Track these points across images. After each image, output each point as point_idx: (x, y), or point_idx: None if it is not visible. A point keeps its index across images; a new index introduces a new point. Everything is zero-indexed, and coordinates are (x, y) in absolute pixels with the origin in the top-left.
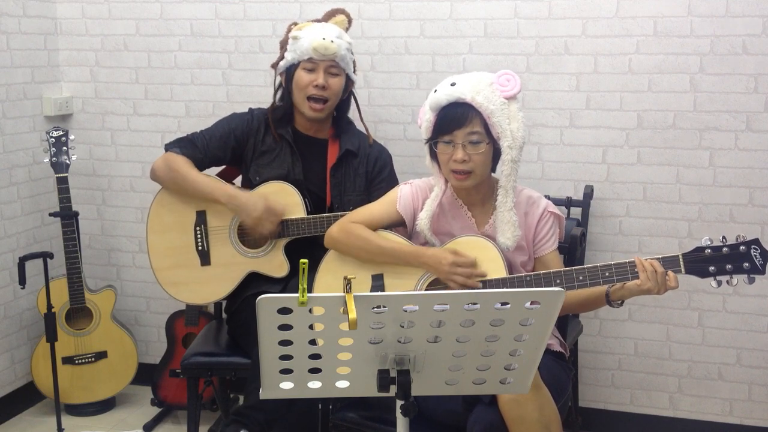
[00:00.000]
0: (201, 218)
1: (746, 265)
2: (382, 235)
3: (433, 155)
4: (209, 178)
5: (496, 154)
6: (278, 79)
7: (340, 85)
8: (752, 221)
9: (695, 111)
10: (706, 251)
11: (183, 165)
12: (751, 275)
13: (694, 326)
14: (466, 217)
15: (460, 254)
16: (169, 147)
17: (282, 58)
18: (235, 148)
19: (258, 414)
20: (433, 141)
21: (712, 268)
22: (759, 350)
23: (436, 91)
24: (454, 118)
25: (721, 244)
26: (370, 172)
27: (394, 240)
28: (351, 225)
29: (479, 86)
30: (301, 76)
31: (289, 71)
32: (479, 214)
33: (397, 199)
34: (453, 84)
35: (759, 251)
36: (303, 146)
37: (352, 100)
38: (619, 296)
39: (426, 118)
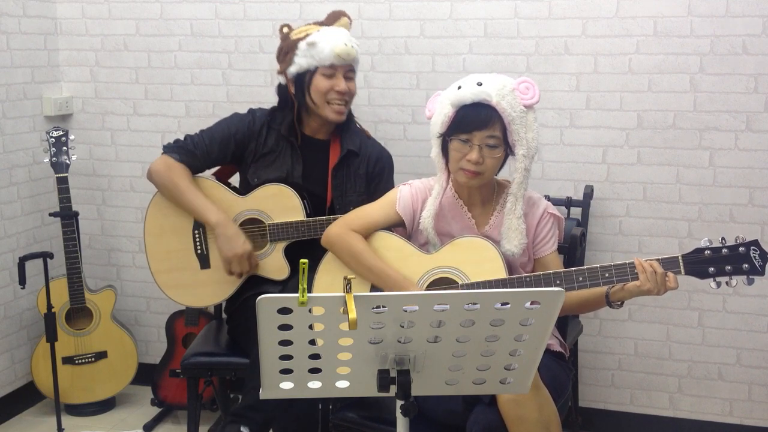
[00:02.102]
0: (199, 221)
1: (745, 266)
2: (380, 249)
3: (443, 150)
4: (203, 199)
5: (504, 159)
6: (286, 85)
7: (355, 88)
8: (752, 221)
9: (695, 111)
10: (705, 252)
11: (180, 177)
12: (751, 276)
13: (694, 326)
14: (466, 218)
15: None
16: (167, 151)
17: (291, 63)
18: (235, 151)
19: (256, 414)
20: (448, 136)
21: (711, 269)
22: (759, 350)
23: (460, 87)
24: (476, 118)
25: (721, 245)
26: (371, 172)
27: (386, 264)
28: (350, 234)
29: (504, 91)
30: (321, 82)
31: (302, 77)
32: (479, 215)
33: (397, 200)
34: (480, 83)
35: (758, 252)
36: (305, 148)
37: None
38: (619, 297)
39: (444, 112)
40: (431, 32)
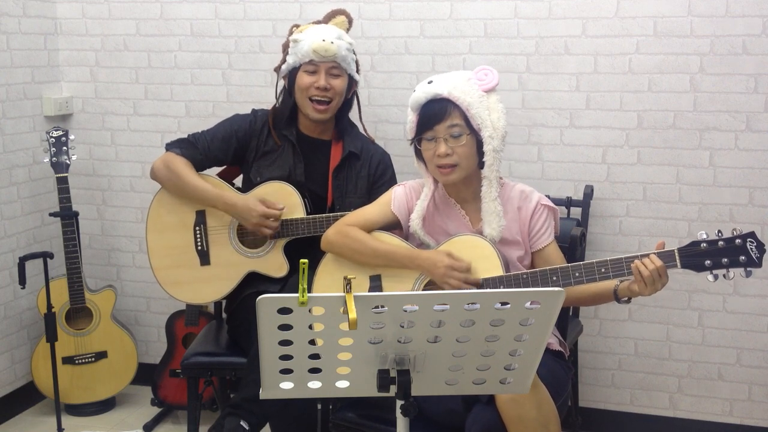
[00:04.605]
0: (200, 218)
1: (743, 258)
2: (378, 237)
3: (419, 155)
4: (208, 184)
5: (480, 147)
6: (281, 82)
7: (342, 86)
8: (752, 221)
9: (695, 111)
10: (701, 245)
11: (182, 168)
12: (748, 268)
13: (694, 326)
14: (460, 216)
15: (455, 258)
16: (169, 147)
17: (284, 61)
18: (237, 149)
19: (255, 406)
20: (416, 139)
21: (708, 262)
22: (759, 350)
23: (414, 91)
24: (433, 113)
25: (717, 237)
26: (373, 174)
27: (389, 242)
28: (347, 227)
29: (456, 82)
30: (303, 79)
31: (292, 74)
32: (473, 212)
33: (391, 200)
34: (430, 82)
35: (755, 244)
36: (306, 148)
37: (355, 100)
38: (626, 294)
39: (409, 120)
40: (431, 32)
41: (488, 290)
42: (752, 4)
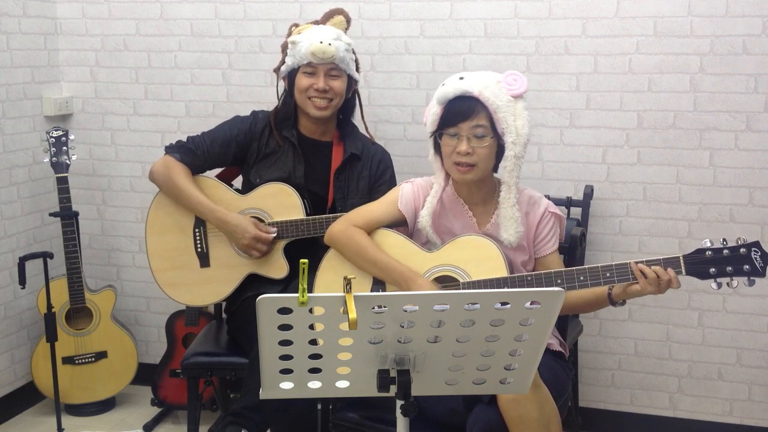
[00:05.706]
0: (200, 220)
1: (746, 267)
2: (381, 247)
3: (437, 149)
4: (203, 197)
5: (499, 151)
6: (281, 83)
7: (342, 87)
8: (752, 221)
9: (695, 111)
10: (706, 253)
11: (181, 176)
12: (752, 278)
13: (694, 326)
14: (467, 216)
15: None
16: (169, 151)
17: (283, 62)
18: (236, 153)
19: (255, 414)
20: (438, 133)
21: (712, 269)
22: (759, 350)
23: (444, 84)
24: (460, 110)
25: (722, 246)
26: (373, 174)
27: (390, 257)
28: (353, 229)
29: (487, 82)
30: (302, 80)
31: (291, 75)
32: (480, 214)
33: (399, 197)
34: (461, 78)
35: (759, 254)
36: (307, 149)
37: (357, 101)
38: (621, 297)
39: (432, 111)
40: (431, 32)
41: (488, 290)
42: (752, 4)
